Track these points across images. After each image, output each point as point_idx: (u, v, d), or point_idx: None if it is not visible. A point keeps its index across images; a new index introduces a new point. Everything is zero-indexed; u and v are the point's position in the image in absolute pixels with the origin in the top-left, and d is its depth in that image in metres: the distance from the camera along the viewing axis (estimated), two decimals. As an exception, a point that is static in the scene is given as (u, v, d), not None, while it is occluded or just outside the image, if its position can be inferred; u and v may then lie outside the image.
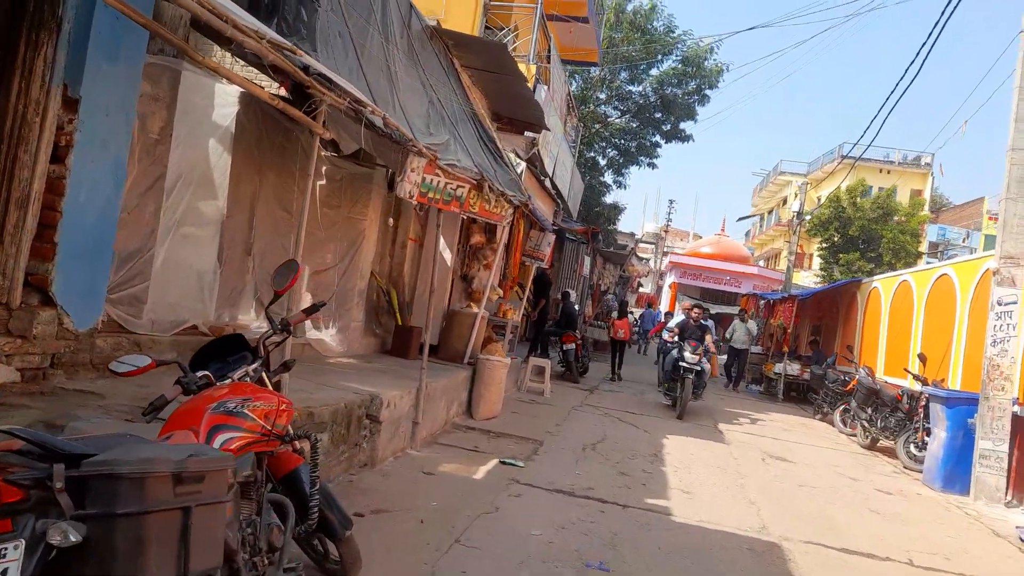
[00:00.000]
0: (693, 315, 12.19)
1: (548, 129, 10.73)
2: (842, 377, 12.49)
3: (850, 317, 14.91)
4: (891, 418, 9.66)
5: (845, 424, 11.64)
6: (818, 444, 10.24)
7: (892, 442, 9.58)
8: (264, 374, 3.16)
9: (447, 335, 8.53)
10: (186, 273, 5.20)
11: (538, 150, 10.41)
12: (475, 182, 6.42)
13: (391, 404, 5.61)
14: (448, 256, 8.74)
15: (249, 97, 5.29)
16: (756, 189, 57.26)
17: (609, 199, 28.16)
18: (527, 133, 10.62)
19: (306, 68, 3.82)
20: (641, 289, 34.42)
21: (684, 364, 10.30)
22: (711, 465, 7.50)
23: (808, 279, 36.64)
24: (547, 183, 11.14)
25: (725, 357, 17.73)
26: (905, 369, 9.33)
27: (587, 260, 18.13)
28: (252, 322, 5.85)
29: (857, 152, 38.72)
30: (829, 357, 15.28)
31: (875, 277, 14.15)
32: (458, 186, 6.22)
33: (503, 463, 6.18)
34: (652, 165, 24.76)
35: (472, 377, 8.11)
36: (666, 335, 12.24)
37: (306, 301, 6.52)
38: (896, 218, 25.81)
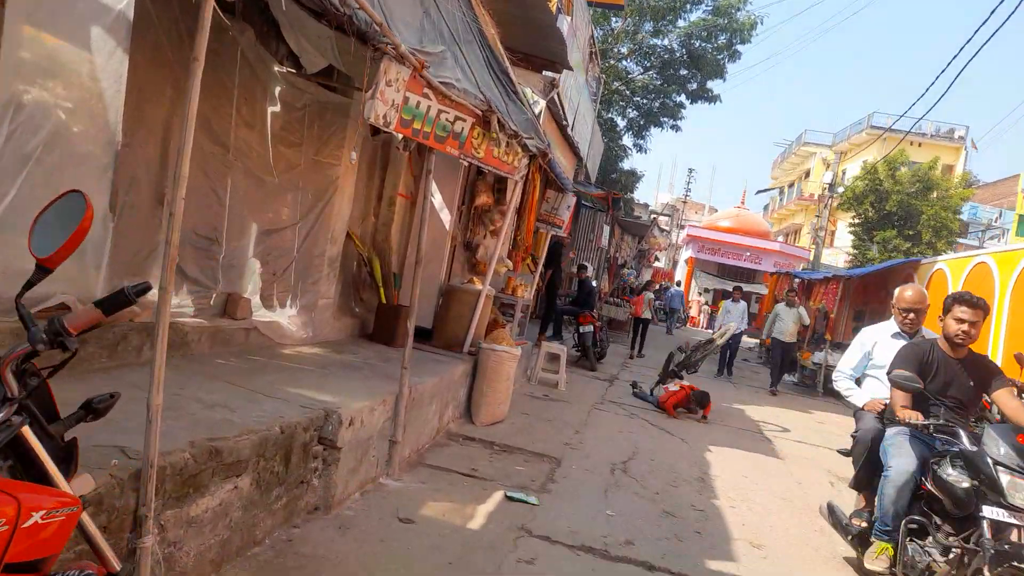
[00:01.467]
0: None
1: (571, 68, 8.93)
2: (901, 372, 10.82)
3: (903, 302, 13.18)
4: (978, 429, 7.99)
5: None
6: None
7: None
8: (30, 434, 1.52)
9: (443, 317, 6.88)
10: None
11: (557, 94, 8.62)
12: (480, 113, 4.70)
13: (356, 421, 3.98)
14: (446, 218, 7.04)
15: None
16: (776, 160, 55.01)
17: (626, 165, 26.34)
18: (545, 72, 8.84)
19: None
20: (656, 263, 32.64)
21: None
22: (774, 495, 5.87)
23: (832, 257, 34.81)
24: (569, 134, 9.34)
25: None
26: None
27: (606, 230, 16.38)
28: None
29: (890, 123, 36.61)
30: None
31: (939, 257, 12.37)
32: (457, 117, 4.50)
33: (509, 498, 4.56)
34: (676, 127, 22.88)
35: (473, 371, 6.48)
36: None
37: (253, 269, 4.86)
38: (935, 193, 23.85)
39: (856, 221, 25.12)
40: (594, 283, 15.81)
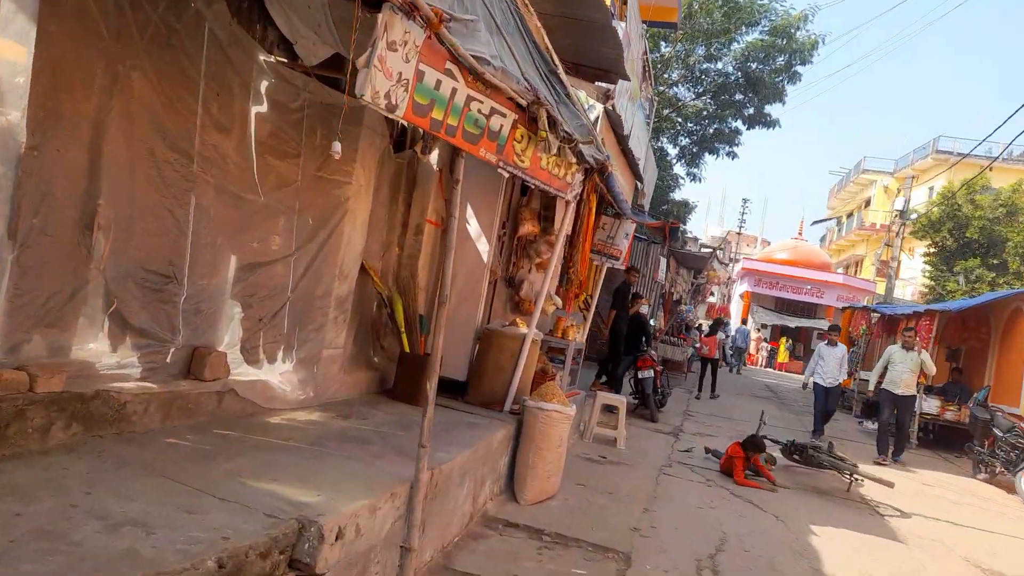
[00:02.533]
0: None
1: (627, 78, 7.78)
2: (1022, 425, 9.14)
3: (1011, 340, 11.47)
4: None
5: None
6: (1018, 534, 6.99)
7: None
8: None
9: (480, 367, 5.69)
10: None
11: (613, 104, 7.47)
12: (524, 106, 3.57)
13: (348, 530, 2.79)
14: (484, 248, 5.90)
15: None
16: (833, 190, 52.79)
17: (677, 196, 24.99)
18: (598, 84, 7.71)
19: None
20: (710, 299, 30.96)
21: None
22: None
23: (900, 290, 32.54)
24: (628, 147, 8.08)
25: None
26: None
27: (662, 263, 15.04)
28: (100, 357, 3.10)
29: (957, 147, 34.54)
30: (979, 392, 11.86)
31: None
32: (493, 110, 3.37)
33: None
34: (732, 154, 21.48)
35: (516, 434, 5.25)
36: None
37: (230, 315, 3.77)
38: (1022, 218, 21.80)
39: (932, 250, 23.17)
40: (651, 321, 14.47)
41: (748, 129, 21.42)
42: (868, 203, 44.70)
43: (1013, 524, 7.30)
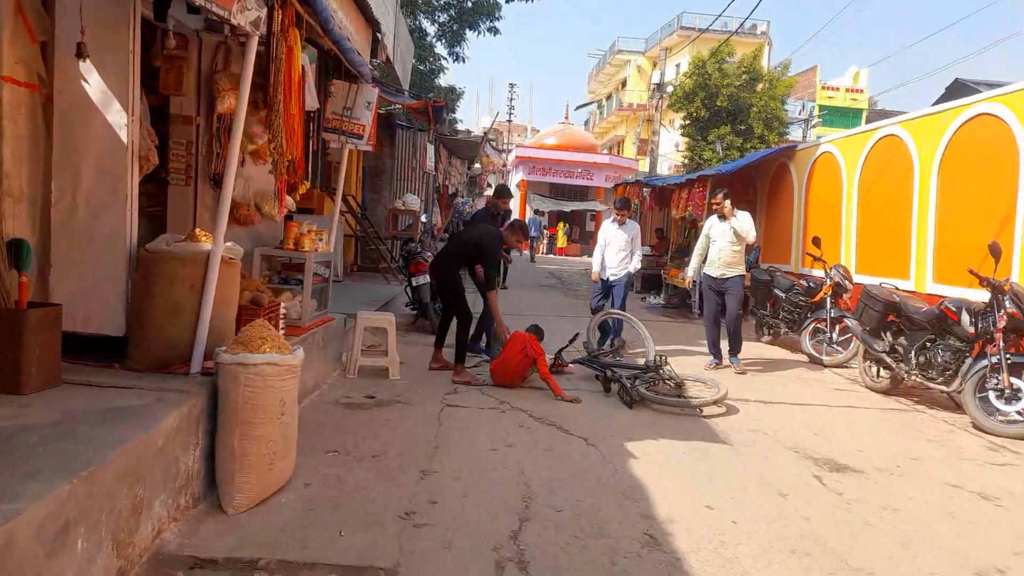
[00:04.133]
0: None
1: None
2: (804, 284, 9.03)
3: (777, 198, 11.53)
4: (939, 349, 6.18)
5: (820, 352, 8.23)
6: (828, 402, 6.65)
7: (942, 385, 6.15)
8: None
9: (144, 312, 3.62)
10: None
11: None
12: None
13: None
14: (119, 121, 3.65)
15: None
16: (592, 73, 54.03)
17: (444, 82, 23.08)
18: None
19: None
20: (488, 191, 30.03)
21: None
22: (767, 536, 3.44)
23: (659, 166, 34.12)
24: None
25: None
26: (971, 270, 5.83)
27: (430, 150, 13.25)
28: None
29: (699, 22, 36.08)
30: (749, 254, 11.95)
31: (824, 139, 10.64)
32: None
33: None
34: (494, 30, 19.82)
35: (212, 407, 3.37)
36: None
37: None
38: (760, 85, 23.05)
39: (687, 122, 23.91)
40: (425, 218, 12.84)
41: (507, 1, 19.81)
42: (624, 84, 46.22)
43: (814, 389, 6.98)
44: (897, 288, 7.12)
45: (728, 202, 7.45)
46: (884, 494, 4.14)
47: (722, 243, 7.50)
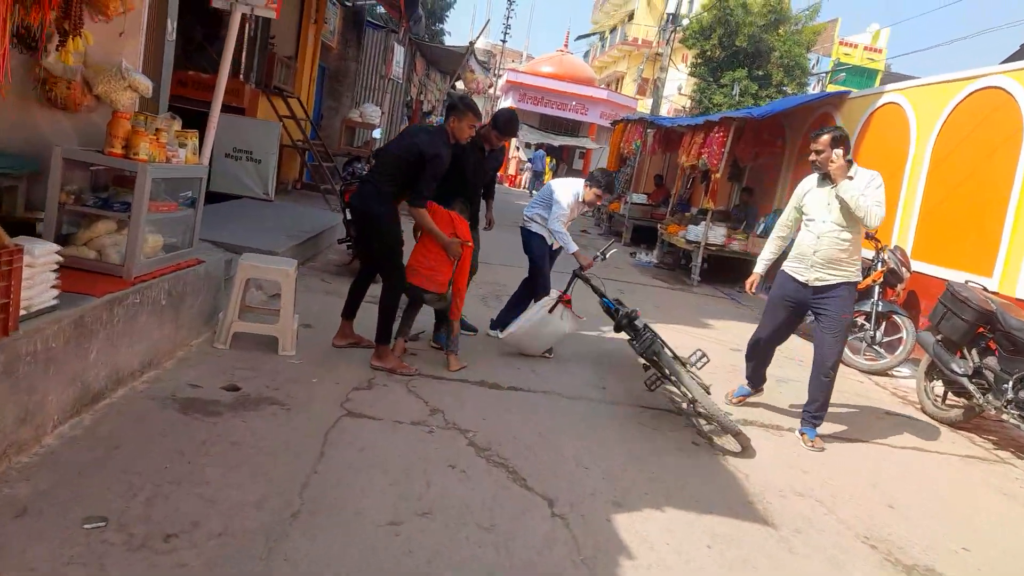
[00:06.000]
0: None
1: None
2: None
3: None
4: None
5: (857, 353, 6.50)
6: (886, 437, 4.95)
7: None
8: None
9: None
10: None
11: None
12: None
13: None
14: None
15: None
16: (598, 3, 50.56)
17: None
18: None
19: None
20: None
21: None
22: None
23: (662, 107, 31.80)
24: None
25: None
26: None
27: (399, 52, 10.98)
28: None
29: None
30: (768, 217, 10.15)
31: (888, 87, 8.57)
32: None
33: None
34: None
35: None
36: None
37: None
38: (782, 29, 20.76)
39: (699, 61, 21.63)
40: (378, 135, 10.71)
41: None
42: (631, 16, 43.14)
43: (862, 412, 5.24)
44: (986, 289, 5.34)
45: (840, 151, 4.09)
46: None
47: (824, 224, 4.20)
